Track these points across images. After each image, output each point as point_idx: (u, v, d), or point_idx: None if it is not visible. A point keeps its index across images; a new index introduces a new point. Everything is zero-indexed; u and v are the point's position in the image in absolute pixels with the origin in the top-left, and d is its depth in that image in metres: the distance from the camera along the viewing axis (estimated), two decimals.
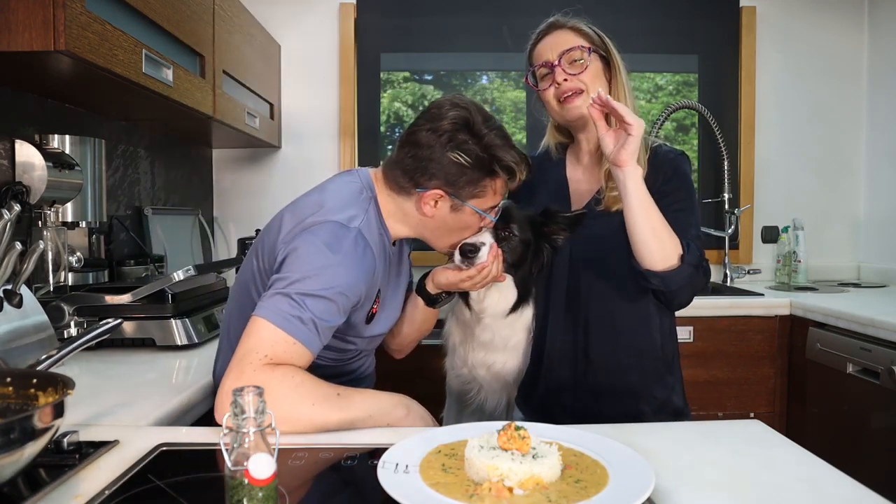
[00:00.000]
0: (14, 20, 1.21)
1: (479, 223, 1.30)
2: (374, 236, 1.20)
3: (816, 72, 3.00)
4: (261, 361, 1.01)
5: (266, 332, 1.03)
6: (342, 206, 1.18)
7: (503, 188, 1.28)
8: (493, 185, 1.24)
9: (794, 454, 0.93)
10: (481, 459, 0.77)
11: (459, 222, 1.27)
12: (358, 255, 1.13)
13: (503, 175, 1.24)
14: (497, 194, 1.27)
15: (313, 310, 1.06)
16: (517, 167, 1.24)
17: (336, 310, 1.09)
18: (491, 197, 1.26)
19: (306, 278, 1.07)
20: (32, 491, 0.78)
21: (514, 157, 1.22)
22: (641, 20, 2.92)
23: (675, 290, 1.26)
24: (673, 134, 3.03)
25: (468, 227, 1.29)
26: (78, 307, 1.54)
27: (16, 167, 1.57)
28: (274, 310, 1.05)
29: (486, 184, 1.23)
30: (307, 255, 1.10)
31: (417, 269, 1.50)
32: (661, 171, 1.34)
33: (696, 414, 2.32)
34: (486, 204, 1.26)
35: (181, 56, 1.77)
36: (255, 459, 0.65)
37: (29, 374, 0.88)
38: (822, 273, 2.96)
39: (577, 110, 1.35)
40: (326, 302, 1.07)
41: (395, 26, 2.93)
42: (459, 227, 1.29)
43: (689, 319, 2.30)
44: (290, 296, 1.05)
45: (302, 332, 1.05)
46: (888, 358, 1.87)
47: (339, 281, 1.09)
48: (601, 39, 1.38)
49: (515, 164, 1.23)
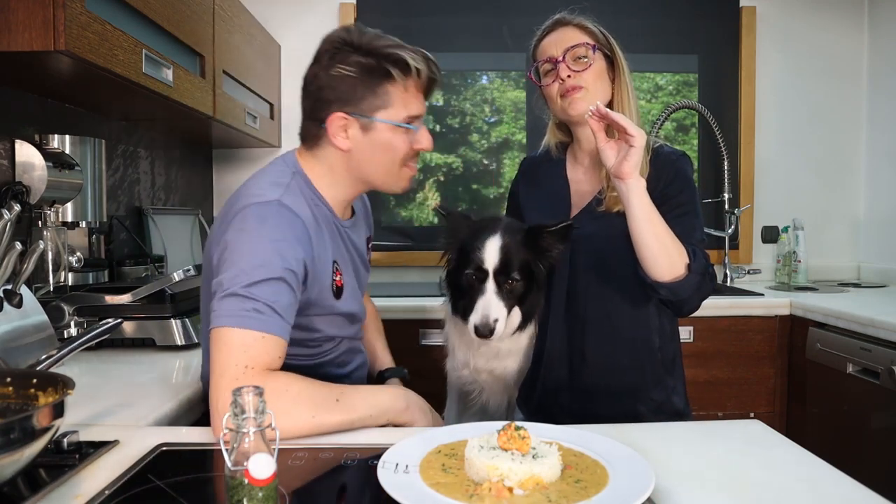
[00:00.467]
0: (14, 20, 1.21)
1: (407, 141, 1.19)
2: (301, 207, 1.14)
3: (816, 72, 3.00)
4: (245, 374, 0.98)
5: (233, 338, 1.00)
6: (260, 189, 1.14)
7: (414, 91, 1.18)
8: (395, 89, 1.16)
9: (794, 454, 0.93)
10: (481, 459, 0.77)
11: (382, 144, 1.18)
12: (285, 225, 1.09)
13: (397, 73, 1.14)
14: (410, 101, 1.17)
15: (265, 297, 1.02)
16: (409, 57, 1.14)
17: (287, 288, 1.06)
18: (401, 104, 1.16)
19: (245, 270, 1.03)
20: (32, 491, 0.78)
21: (400, 49, 1.14)
22: (641, 20, 2.92)
23: (684, 298, 1.26)
24: (673, 134, 3.03)
25: (395, 147, 1.19)
26: (78, 307, 1.54)
27: (16, 167, 1.57)
28: (229, 313, 1.01)
29: (387, 90, 1.15)
30: (238, 246, 1.06)
31: (418, 269, 1.50)
32: (664, 174, 1.34)
33: (696, 414, 2.32)
34: (399, 114, 1.16)
35: (181, 56, 1.77)
36: (255, 459, 0.65)
37: (29, 374, 0.88)
38: (822, 273, 2.96)
39: (580, 105, 1.34)
40: (274, 283, 1.04)
41: (395, 26, 2.92)
42: (386, 150, 1.18)
43: (689, 319, 2.30)
44: (237, 294, 1.02)
45: (265, 322, 1.01)
46: (888, 358, 1.87)
47: (276, 257, 1.05)
48: (606, 38, 1.38)
49: (405, 53, 1.14)
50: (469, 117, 2.99)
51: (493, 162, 3.00)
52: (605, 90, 1.37)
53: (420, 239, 2.96)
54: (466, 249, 1.34)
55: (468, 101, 2.98)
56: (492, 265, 1.31)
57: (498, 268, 1.31)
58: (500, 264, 1.31)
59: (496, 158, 3.00)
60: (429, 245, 2.89)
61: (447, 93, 2.98)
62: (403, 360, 1.57)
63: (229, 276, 1.04)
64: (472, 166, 3.00)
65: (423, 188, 3.00)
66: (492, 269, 1.31)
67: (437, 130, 2.99)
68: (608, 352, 1.37)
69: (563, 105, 1.36)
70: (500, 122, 3.00)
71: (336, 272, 1.22)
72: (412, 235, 2.96)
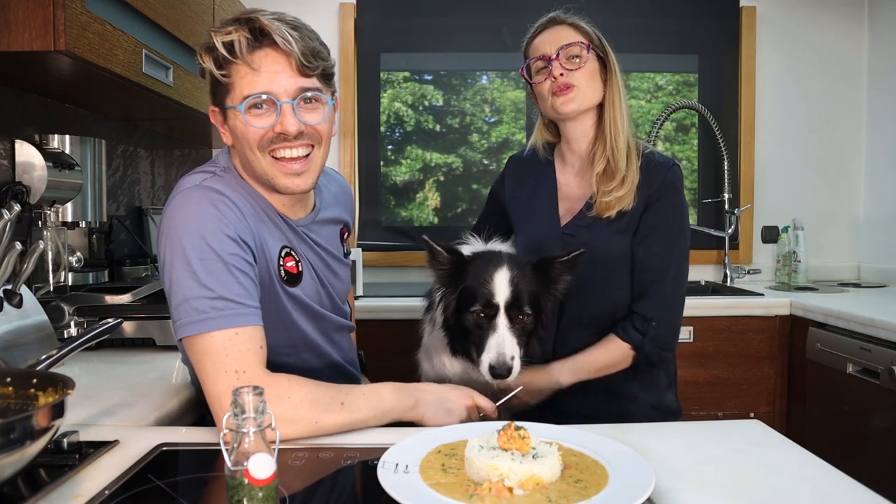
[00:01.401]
0: (14, 20, 1.21)
1: (245, 125, 1.05)
2: (234, 192, 1.07)
3: (816, 72, 3.00)
4: (240, 379, 0.95)
5: (209, 344, 0.97)
6: (184, 182, 1.09)
7: (245, 71, 1.03)
8: (236, 71, 1.04)
9: (794, 454, 0.93)
10: (481, 459, 0.77)
11: (236, 132, 1.08)
12: (212, 204, 1.02)
13: (207, 57, 1.05)
14: (250, 79, 1.03)
15: (219, 289, 0.97)
16: (212, 35, 1.03)
17: (237, 272, 1.00)
18: (241, 86, 1.04)
19: (190, 271, 0.98)
20: (32, 491, 0.78)
21: (214, 31, 1.03)
22: (641, 20, 2.92)
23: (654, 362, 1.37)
24: (673, 134, 3.03)
25: (240, 133, 1.07)
26: (78, 307, 1.54)
27: (16, 167, 1.57)
28: (193, 320, 0.97)
29: (229, 73, 1.04)
30: (174, 247, 1.00)
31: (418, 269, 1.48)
32: (653, 180, 1.34)
33: (697, 414, 2.33)
34: (236, 98, 1.05)
35: (181, 56, 1.77)
36: (255, 459, 0.65)
37: (29, 374, 0.88)
38: (822, 273, 2.96)
39: (571, 104, 1.34)
40: (221, 272, 0.98)
41: (395, 26, 2.93)
42: (239, 138, 1.08)
43: (689, 319, 2.30)
44: (192, 299, 0.97)
45: (232, 317, 0.97)
46: (888, 358, 1.87)
47: (212, 241, 0.99)
48: (599, 40, 1.39)
49: (215, 33, 1.03)
50: (469, 117, 2.99)
51: (493, 162, 3.00)
52: (597, 90, 1.37)
53: (420, 239, 2.95)
54: (470, 287, 1.22)
55: (468, 101, 2.98)
56: (503, 299, 1.19)
57: (509, 301, 1.19)
58: (511, 298, 1.19)
59: (496, 158, 3.00)
60: None
61: (447, 93, 2.98)
62: (404, 360, 1.57)
63: (179, 281, 0.99)
64: (472, 166, 3.00)
65: (424, 188, 3.00)
66: (503, 303, 1.19)
67: (437, 130, 2.99)
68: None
69: (553, 103, 1.36)
70: (500, 122, 3.00)
71: (287, 258, 1.13)
72: (412, 235, 2.96)
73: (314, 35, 1.09)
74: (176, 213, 1.03)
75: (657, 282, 1.33)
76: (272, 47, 1.03)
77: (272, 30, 1.01)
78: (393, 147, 3.00)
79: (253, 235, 1.07)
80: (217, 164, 1.15)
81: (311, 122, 1.07)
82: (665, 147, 3.02)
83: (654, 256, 1.33)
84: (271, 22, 1.02)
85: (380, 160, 2.98)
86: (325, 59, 1.08)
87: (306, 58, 1.04)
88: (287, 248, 1.15)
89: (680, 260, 1.37)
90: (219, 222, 1.02)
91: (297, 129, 1.05)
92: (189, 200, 1.03)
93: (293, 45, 1.02)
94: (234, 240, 1.02)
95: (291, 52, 1.02)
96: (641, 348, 1.32)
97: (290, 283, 1.14)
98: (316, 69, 1.06)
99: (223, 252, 1.00)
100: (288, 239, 1.16)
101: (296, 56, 1.03)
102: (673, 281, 1.34)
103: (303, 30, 1.06)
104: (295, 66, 1.04)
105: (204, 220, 1.01)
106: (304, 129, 1.07)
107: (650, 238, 1.34)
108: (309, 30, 1.08)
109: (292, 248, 1.16)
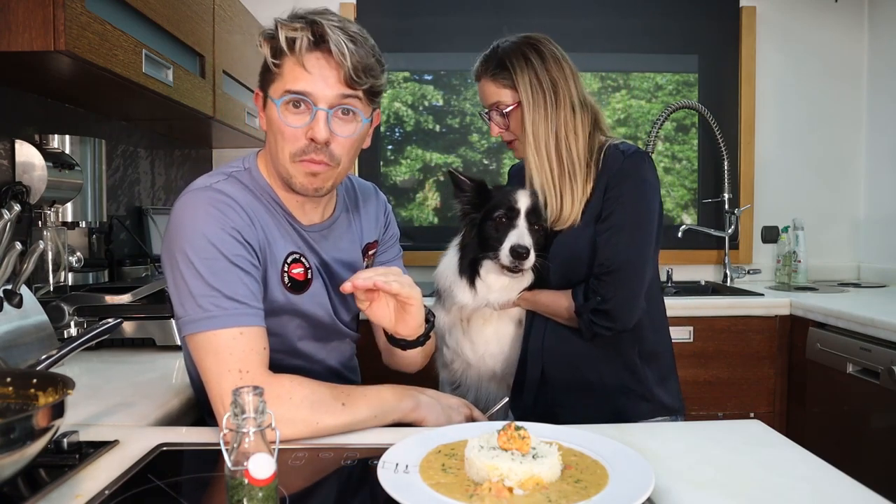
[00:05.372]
0: (14, 20, 1.21)
1: (278, 118, 1.06)
2: (239, 193, 1.08)
3: (816, 72, 3.00)
4: (243, 379, 0.96)
5: (213, 342, 0.98)
6: (196, 183, 1.10)
7: (296, 67, 1.04)
8: (287, 61, 1.05)
9: (794, 454, 0.93)
10: (481, 459, 0.76)
11: (270, 123, 1.09)
12: (216, 206, 1.03)
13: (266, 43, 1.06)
14: (297, 74, 1.04)
15: (224, 289, 0.99)
16: (278, 27, 1.04)
17: (243, 273, 1.02)
18: (287, 78, 1.05)
19: (194, 271, 0.99)
20: (32, 491, 0.78)
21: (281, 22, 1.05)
22: (641, 20, 2.92)
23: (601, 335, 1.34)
24: (673, 134, 3.03)
25: (275, 126, 1.07)
26: (78, 307, 1.54)
27: (16, 167, 1.57)
28: (198, 318, 0.98)
29: (275, 64, 1.06)
30: (179, 247, 1.01)
31: (418, 269, 1.50)
32: (609, 170, 1.35)
33: (697, 414, 2.33)
34: (277, 90, 1.06)
35: (181, 56, 1.77)
36: (255, 459, 0.65)
37: (29, 374, 0.88)
38: (822, 273, 2.96)
39: (519, 152, 1.43)
40: (226, 272, 1.00)
41: (395, 26, 2.93)
42: (272, 131, 1.09)
43: (688, 319, 2.31)
44: (198, 297, 0.98)
45: (237, 316, 0.98)
46: (888, 358, 1.87)
47: (216, 241, 1.01)
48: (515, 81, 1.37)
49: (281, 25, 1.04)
50: (469, 117, 2.99)
51: (493, 162, 3.00)
52: (540, 126, 1.35)
53: (420, 239, 2.96)
54: (494, 204, 1.40)
55: (468, 101, 2.98)
56: (524, 206, 1.37)
57: (529, 209, 1.37)
58: (531, 206, 1.37)
59: (496, 158, 3.00)
60: (429, 245, 2.88)
61: (447, 93, 2.98)
62: None
63: (185, 279, 1.00)
64: (472, 166, 3.00)
65: (423, 188, 3.00)
66: (524, 209, 1.37)
67: (437, 130, 2.99)
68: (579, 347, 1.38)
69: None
70: None
71: (294, 264, 1.14)
72: (412, 235, 2.96)
73: (373, 51, 1.09)
74: (181, 214, 1.05)
75: (607, 263, 1.32)
76: (327, 53, 1.04)
77: (330, 38, 1.03)
78: (393, 147, 3.00)
79: (258, 238, 1.08)
80: (235, 166, 1.15)
81: (341, 134, 1.07)
82: (665, 147, 3.02)
83: (608, 242, 1.32)
84: (332, 30, 1.03)
85: (380, 160, 2.98)
86: (375, 77, 1.08)
87: (356, 72, 1.04)
88: (295, 255, 1.15)
89: (635, 245, 1.33)
90: (223, 223, 1.03)
91: (325, 137, 1.05)
92: (194, 202, 1.05)
93: (346, 57, 1.03)
94: (238, 241, 1.04)
95: (342, 64, 1.03)
96: (580, 314, 1.32)
97: (295, 290, 1.14)
98: (363, 84, 1.06)
99: (228, 253, 1.02)
100: (297, 245, 1.16)
101: (346, 68, 1.04)
102: (624, 263, 1.32)
103: (361, 43, 1.06)
104: (343, 77, 1.05)
105: (208, 221, 1.03)
106: (333, 138, 1.07)
107: (606, 222, 1.33)
108: (370, 45, 1.08)
109: (302, 255, 1.16)
